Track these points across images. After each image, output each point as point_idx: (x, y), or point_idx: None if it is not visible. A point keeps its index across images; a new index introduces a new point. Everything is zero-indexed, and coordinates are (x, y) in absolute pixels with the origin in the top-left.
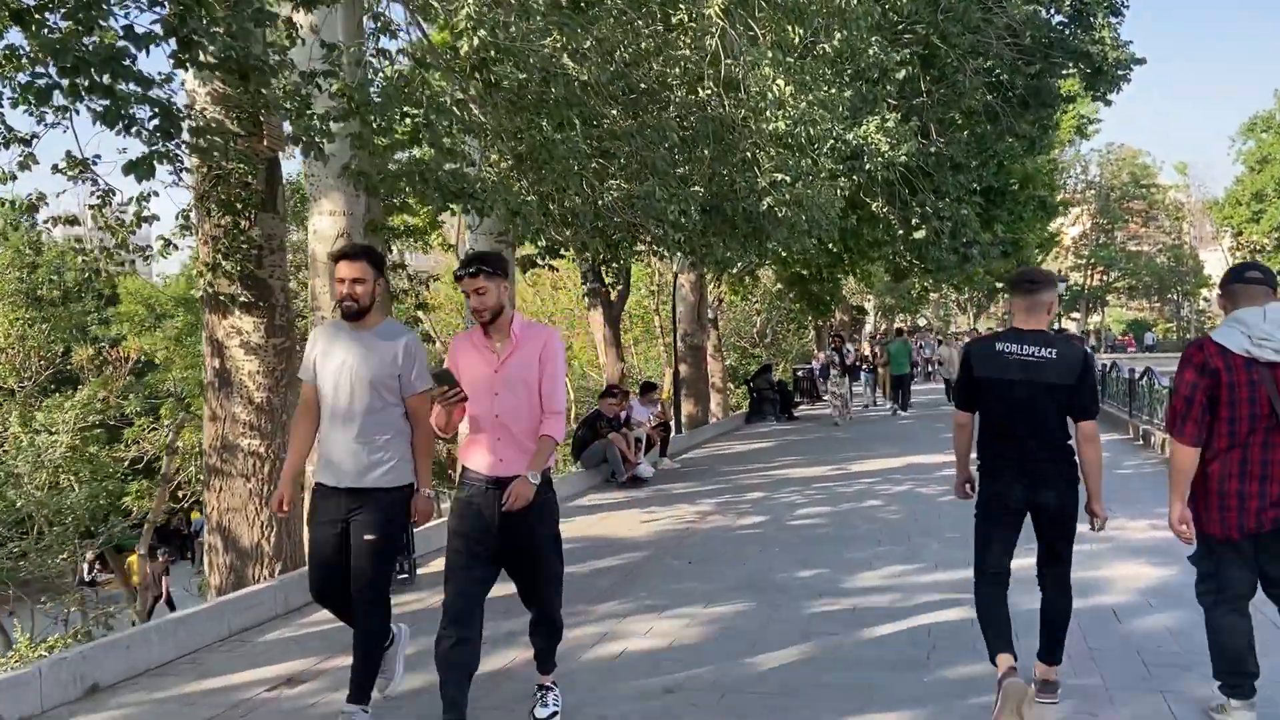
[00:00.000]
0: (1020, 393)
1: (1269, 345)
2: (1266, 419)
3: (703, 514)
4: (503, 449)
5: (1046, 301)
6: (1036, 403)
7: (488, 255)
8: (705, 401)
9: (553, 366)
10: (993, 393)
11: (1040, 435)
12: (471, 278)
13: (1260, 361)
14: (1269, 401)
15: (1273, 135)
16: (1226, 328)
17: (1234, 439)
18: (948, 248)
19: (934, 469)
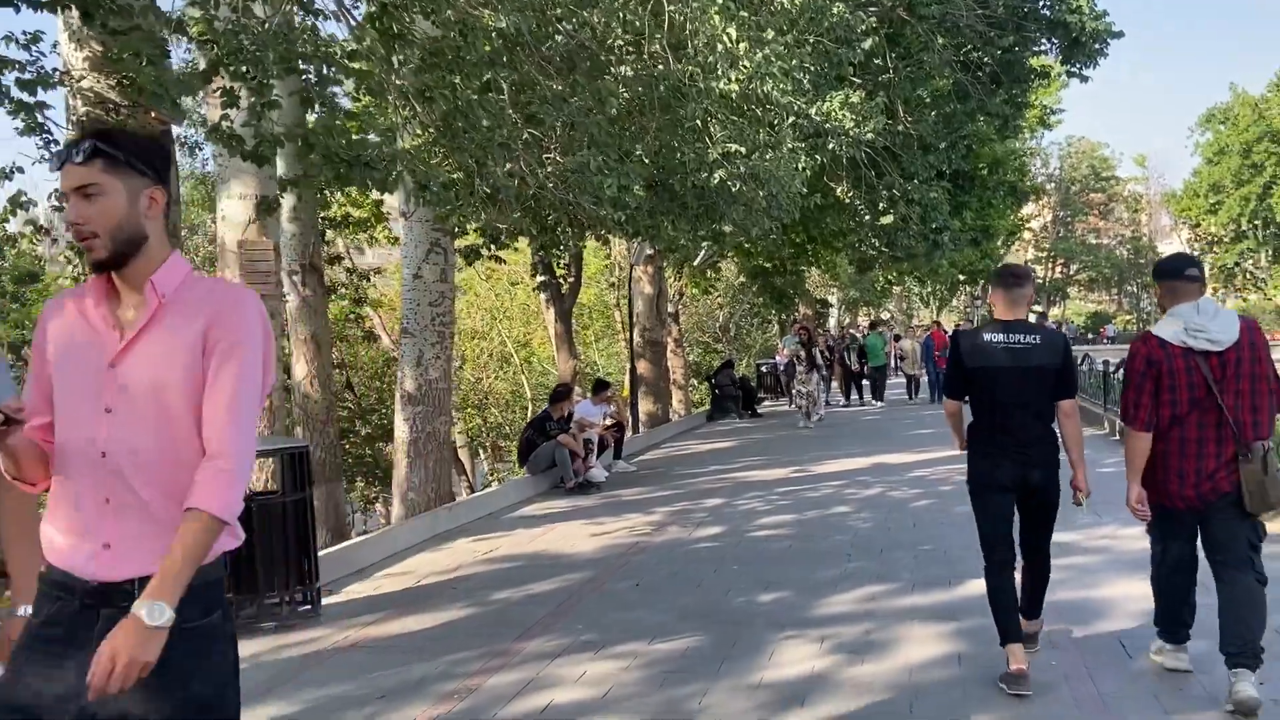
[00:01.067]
0: (1010, 378)
1: (1202, 336)
2: (1203, 401)
3: (656, 525)
4: (112, 524)
5: (1027, 294)
6: (1025, 386)
7: (110, 131)
8: (666, 399)
9: (235, 365)
10: (984, 380)
11: (1028, 418)
12: (74, 166)
13: (1195, 350)
14: (1205, 385)
15: (1229, 127)
16: (1166, 321)
17: (1174, 420)
18: (917, 234)
19: (904, 469)
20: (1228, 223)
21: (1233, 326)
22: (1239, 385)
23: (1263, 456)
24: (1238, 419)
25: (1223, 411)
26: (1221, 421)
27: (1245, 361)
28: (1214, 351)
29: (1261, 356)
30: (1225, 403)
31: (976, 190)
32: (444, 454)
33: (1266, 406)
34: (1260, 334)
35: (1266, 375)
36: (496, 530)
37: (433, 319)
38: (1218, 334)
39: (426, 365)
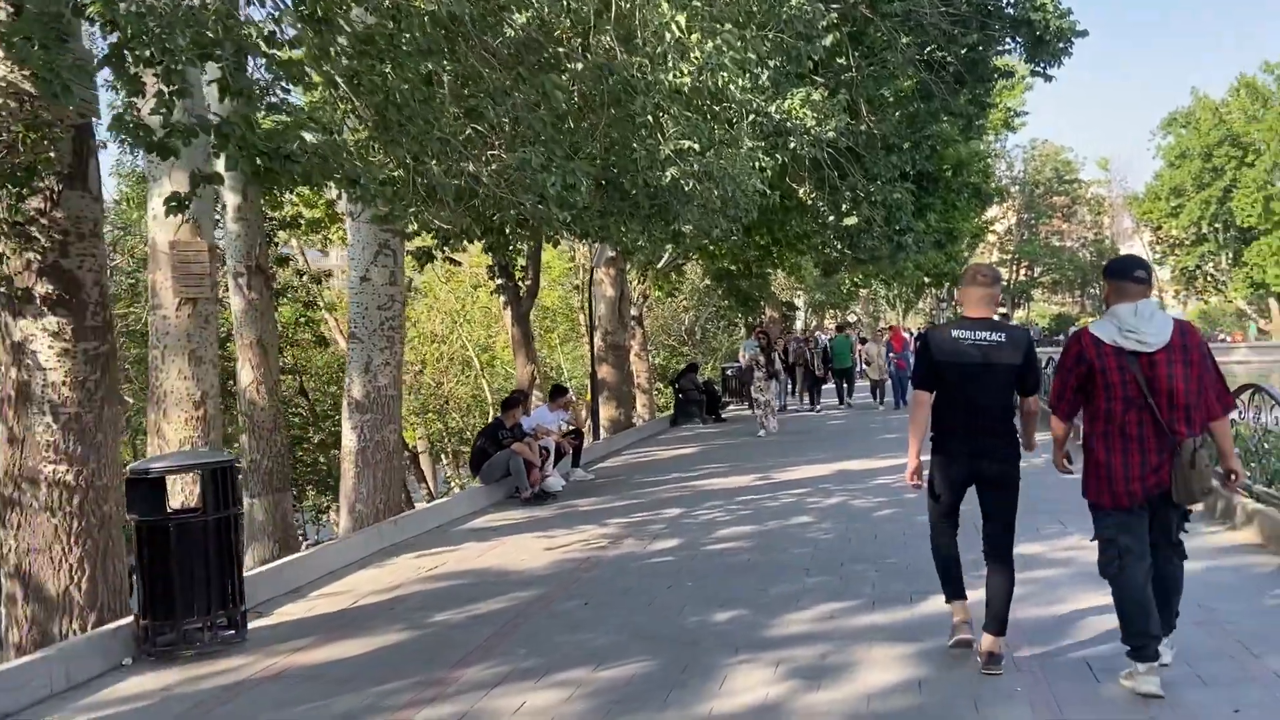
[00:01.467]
0: (977, 373)
1: (1134, 337)
2: (1137, 400)
3: (611, 537)
4: None
5: (995, 294)
6: (991, 381)
7: None
8: (629, 404)
9: None
10: (952, 374)
11: (992, 411)
12: None
13: (1126, 350)
14: (1137, 384)
15: (1190, 131)
16: (1103, 321)
17: (1110, 420)
18: (881, 235)
19: (867, 476)
20: (1189, 225)
21: (1165, 329)
22: (1171, 385)
23: (1191, 453)
24: (1170, 417)
25: (1156, 411)
26: (1156, 420)
27: (1177, 363)
28: (1144, 352)
29: (1194, 358)
30: (1156, 401)
31: (941, 192)
32: (393, 463)
33: (1198, 405)
34: (1195, 335)
35: (1200, 376)
36: (444, 544)
37: (381, 323)
38: (1149, 336)
39: (375, 371)
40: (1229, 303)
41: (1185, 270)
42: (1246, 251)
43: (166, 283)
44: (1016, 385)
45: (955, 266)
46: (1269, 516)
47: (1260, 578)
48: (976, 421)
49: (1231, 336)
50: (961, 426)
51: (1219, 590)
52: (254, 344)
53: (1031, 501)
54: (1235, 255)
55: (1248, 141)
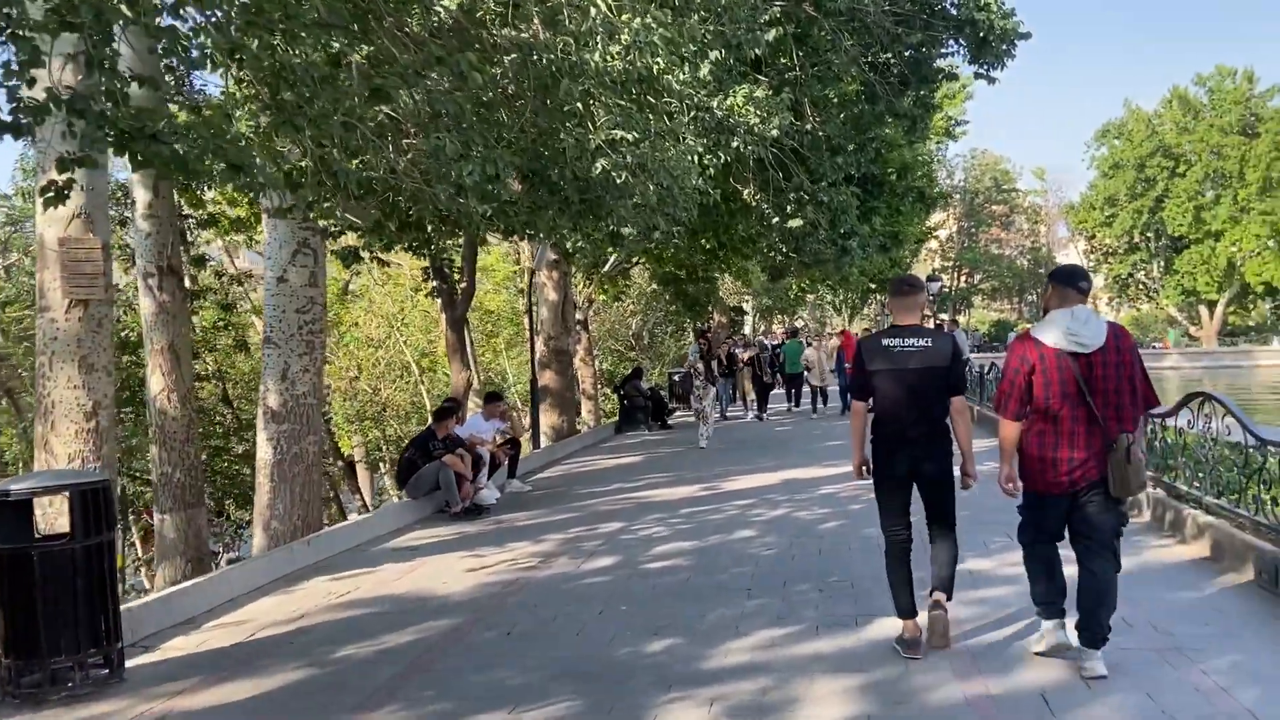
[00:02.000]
0: (907, 378)
1: (1073, 339)
2: (1074, 397)
3: (542, 556)
4: None
5: (920, 302)
6: (920, 384)
7: None
8: (572, 411)
9: None
10: (884, 380)
11: (924, 413)
12: None
13: (1066, 351)
14: (1075, 383)
15: (1124, 142)
16: (1045, 325)
17: (1048, 415)
18: (825, 239)
19: (813, 485)
20: (1122, 234)
21: (1101, 333)
22: (1105, 384)
23: (1127, 447)
24: (1104, 414)
25: (1091, 407)
26: (1091, 416)
27: (1111, 364)
28: (1082, 353)
29: (1126, 360)
30: (1093, 399)
31: (885, 196)
32: (313, 477)
33: (1130, 403)
34: (1127, 339)
35: (1130, 376)
36: (361, 566)
37: (300, 327)
38: (1087, 339)
39: (293, 379)
40: (1160, 309)
41: (1118, 278)
42: (1177, 260)
43: (55, 282)
44: (944, 387)
45: (900, 272)
46: (1220, 530)
47: (1214, 594)
48: (911, 422)
49: (1163, 343)
50: (898, 428)
51: (1173, 609)
52: (165, 349)
53: (981, 513)
54: (1167, 264)
55: (1179, 153)
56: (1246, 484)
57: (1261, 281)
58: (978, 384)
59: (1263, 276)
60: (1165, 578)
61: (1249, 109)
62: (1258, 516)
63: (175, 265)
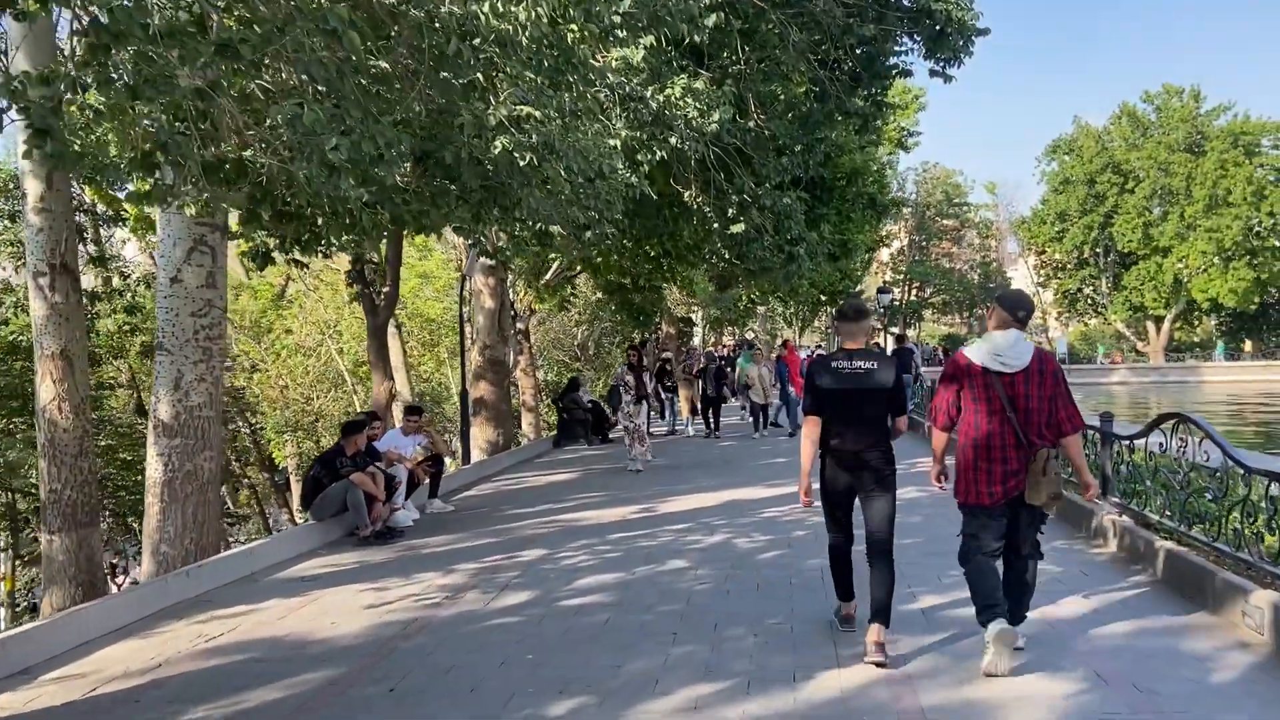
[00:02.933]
0: (853, 398)
1: (999, 359)
2: (1001, 412)
3: (451, 589)
4: None
5: (867, 327)
6: (865, 403)
7: None
8: (509, 424)
9: None
10: (834, 399)
11: (868, 429)
12: None
13: (992, 370)
14: (1000, 400)
15: (1074, 158)
16: (978, 344)
17: (977, 429)
18: (771, 245)
19: (756, 508)
20: (1072, 250)
21: (1026, 355)
22: (1028, 403)
23: (1045, 460)
24: (1026, 430)
25: (1015, 423)
26: (1016, 431)
27: (1034, 384)
28: (1005, 372)
29: (1048, 381)
30: (1015, 416)
31: (835, 202)
32: (208, 497)
33: (1049, 421)
34: (1051, 362)
35: (1050, 395)
36: (245, 601)
37: (195, 333)
38: (1011, 360)
39: (187, 389)
40: (1108, 324)
41: (1067, 293)
42: (1126, 276)
43: None
44: (887, 406)
45: (850, 284)
46: (1188, 561)
47: (1197, 641)
48: (857, 438)
49: (1112, 359)
50: (844, 443)
51: (1153, 660)
52: (57, 356)
53: (932, 540)
54: (1115, 279)
55: (1128, 169)
56: (1225, 515)
57: (1207, 298)
58: (927, 400)
59: (1208, 293)
60: (1139, 619)
61: (1195, 127)
62: (1239, 552)
63: (70, 264)
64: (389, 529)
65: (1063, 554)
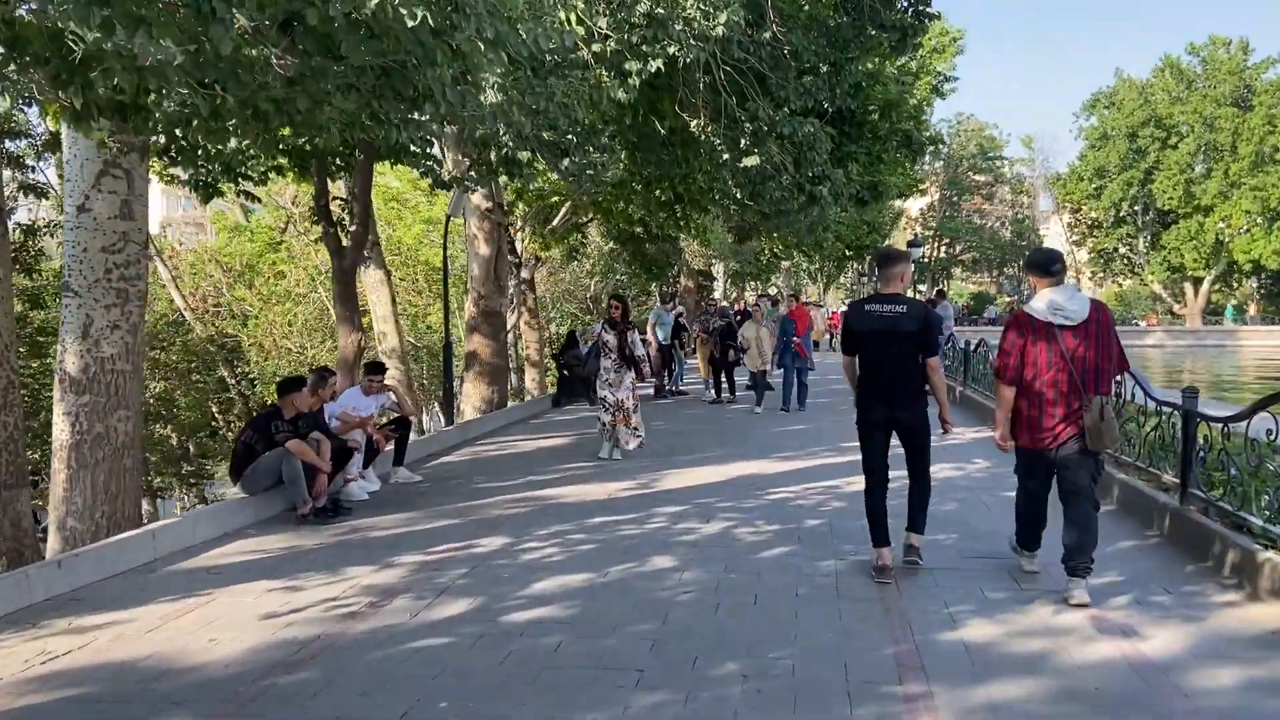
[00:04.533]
0: (885, 340)
1: (1061, 314)
2: (1059, 364)
3: (379, 593)
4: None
5: (899, 273)
6: (896, 345)
7: None
8: (505, 381)
9: None
10: (868, 341)
11: (901, 370)
12: None
13: (1055, 325)
14: (1060, 352)
15: (1115, 112)
16: (1036, 300)
17: (1036, 379)
18: (790, 184)
19: (765, 487)
20: (1109, 207)
21: (1085, 307)
22: (1086, 353)
23: (1100, 407)
24: (1084, 378)
25: (1073, 373)
26: (1071, 380)
27: (1092, 335)
28: (1069, 325)
29: (1105, 331)
30: (1075, 366)
31: (866, 140)
32: (123, 464)
33: (1106, 370)
34: (1106, 313)
35: (1108, 345)
36: (123, 603)
37: (108, 271)
38: (1073, 313)
39: (98, 338)
40: (1144, 286)
41: (1103, 252)
42: (1165, 235)
43: None
44: (917, 348)
45: (877, 239)
46: None
47: None
48: (890, 378)
49: (1147, 320)
50: (879, 382)
51: None
52: None
53: (969, 537)
54: (1153, 238)
55: (1171, 123)
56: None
57: (1249, 259)
58: (962, 362)
59: (1250, 254)
60: (1241, 659)
61: (1243, 80)
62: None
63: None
64: (336, 504)
65: (1131, 556)
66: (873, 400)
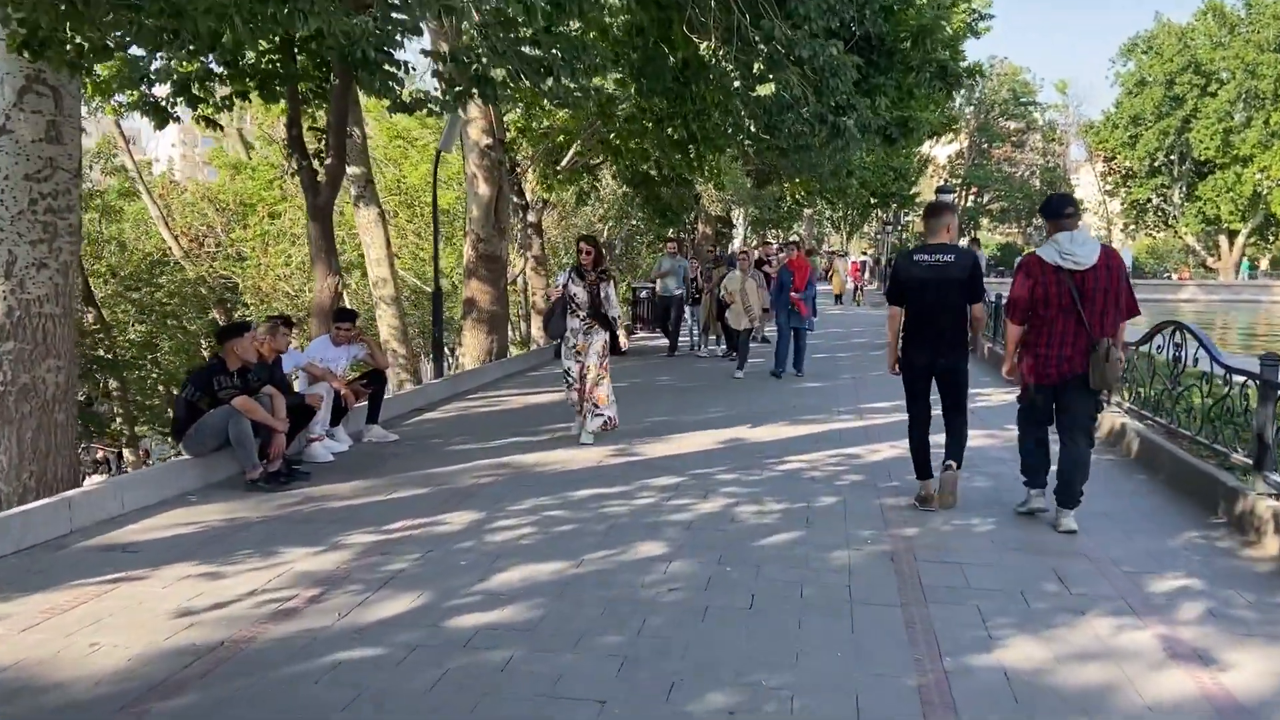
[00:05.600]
0: (932, 288)
1: (1070, 259)
2: (1068, 306)
3: (313, 582)
4: None
5: (946, 224)
6: (944, 293)
7: None
8: (503, 330)
9: None
10: (916, 288)
11: (947, 317)
12: None
13: (1063, 269)
14: (1070, 295)
15: (1153, 57)
16: (1046, 246)
17: (1044, 320)
18: (811, 115)
19: (773, 453)
20: (1144, 156)
21: (1094, 252)
22: (1094, 296)
23: (1106, 349)
24: (1090, 320)
25: (1080, 314)
26: (1079, 321)
27: (1101, 279)
28: (1078, 270)
29: (1114, 276)
30: (1083, 308)
31: (897, 71)
32: (52, 419)
33: (1112, 313)
34: (1116, 258)
35: (1116, 290)
36: (16, 588)
37: (33, 202)
38: (1082, 258)
39: (22, 278)
40: (1178, 238)
41: (1136, 203)
42: (1201, 186)
43: None
44: (965, 295)
45: (904, 186)
46: None
47: None
48: (935, 324)
49: (1179, 274)
50: (927, 329)
51: None
52: None
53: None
54: (1189, 189)
55: (1211, 70)
56: None
57: None
58: (992, 317)
59: None
60: None
61: None
62: None
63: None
64: (293, 468)
65: (1195, 550)
66: (920, 345)
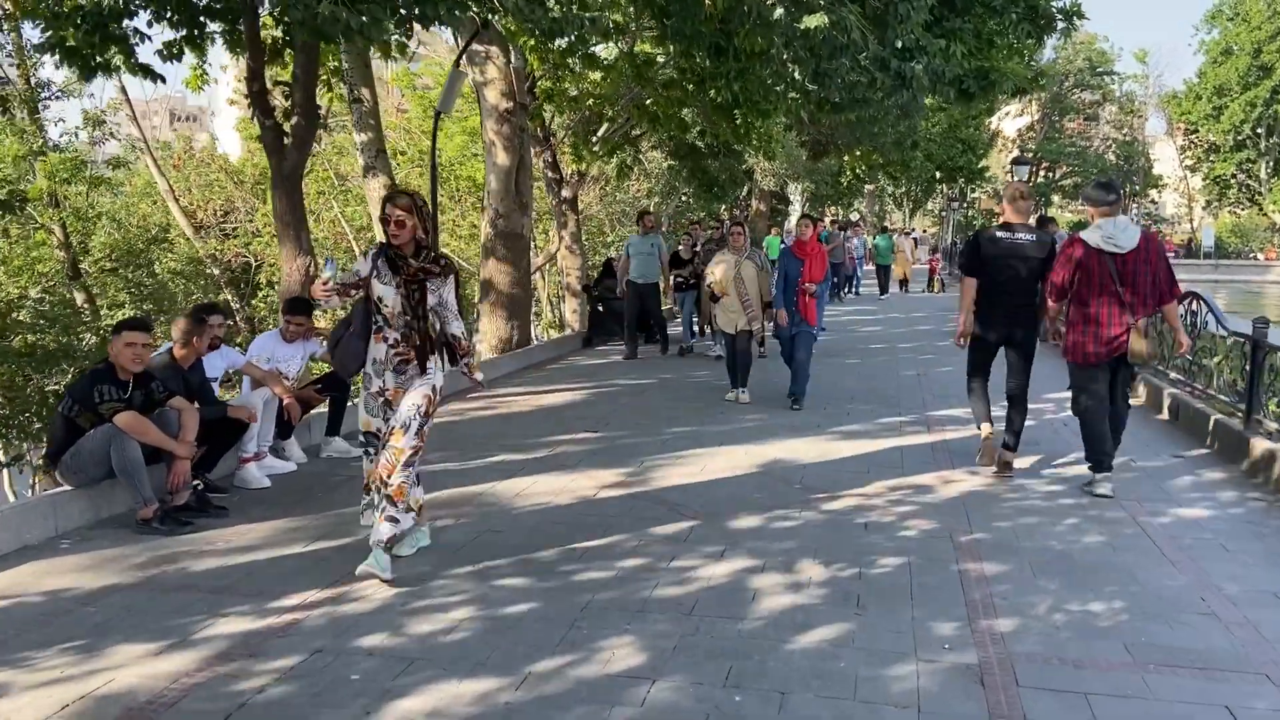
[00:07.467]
0: (1012, 264)
1: (1111, 242)
2: (1110, 288)
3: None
4: None
5: (1026, 206)
6: (1021, 270)
7: None
8: (525, 315)
9: None
10: (994, 264)
11: (1022, 292)
12: None
13: (1106, 252)
14: (1111, 277)
15: (1239, 24)
16: (1091, 230)
17: (1090, 301)
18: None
19: (812, 484)
20: (1228, 130)
21: (1135, 237)
22: (1135, 279)
23: (1145, 327)
24: (1132, 301)
25: (1122, 296)
26: (1121, 303)
27: (1141, 262)
28: (1119, 253)
29: (1154, 260)
30: (1123, 289)
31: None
32: None
33: (1151, 294)
34: (1156, 243)
35: (1155, 273)
36: None
37: None
38: (1123, 242)
39: None
40: (1264, 216)
41: (1219, 179)
42: None
43: None
44: (1040, 273)
45: (972, 160)
46: None
47: None
48: (1010, 300)
49: (1266, 254)
50: (999, 303)
51: None
52: None
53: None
54: (1276, 164)
55: None
56: None
57: None
58: None
59: None
60: None
61: None
62: None
63: None
64: (208, 497)
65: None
66: (994, 317)
